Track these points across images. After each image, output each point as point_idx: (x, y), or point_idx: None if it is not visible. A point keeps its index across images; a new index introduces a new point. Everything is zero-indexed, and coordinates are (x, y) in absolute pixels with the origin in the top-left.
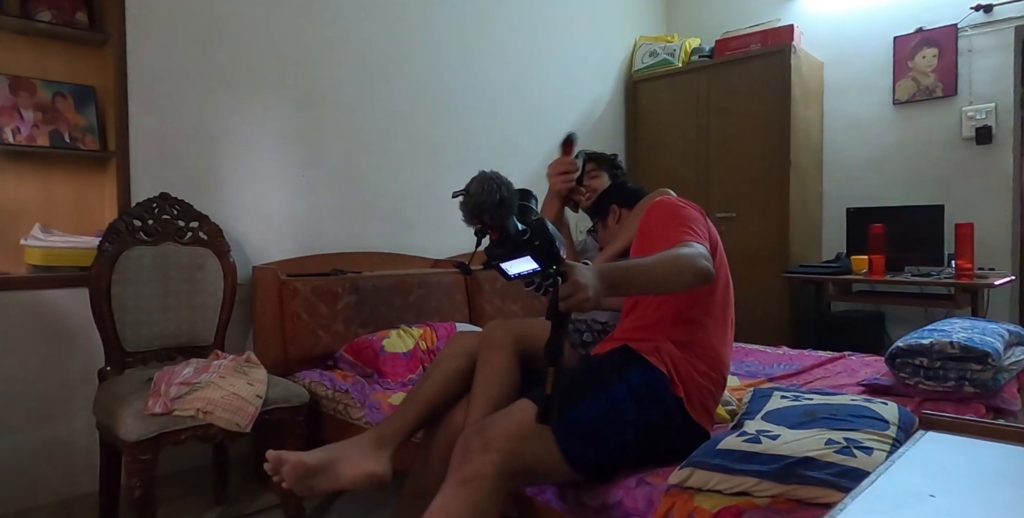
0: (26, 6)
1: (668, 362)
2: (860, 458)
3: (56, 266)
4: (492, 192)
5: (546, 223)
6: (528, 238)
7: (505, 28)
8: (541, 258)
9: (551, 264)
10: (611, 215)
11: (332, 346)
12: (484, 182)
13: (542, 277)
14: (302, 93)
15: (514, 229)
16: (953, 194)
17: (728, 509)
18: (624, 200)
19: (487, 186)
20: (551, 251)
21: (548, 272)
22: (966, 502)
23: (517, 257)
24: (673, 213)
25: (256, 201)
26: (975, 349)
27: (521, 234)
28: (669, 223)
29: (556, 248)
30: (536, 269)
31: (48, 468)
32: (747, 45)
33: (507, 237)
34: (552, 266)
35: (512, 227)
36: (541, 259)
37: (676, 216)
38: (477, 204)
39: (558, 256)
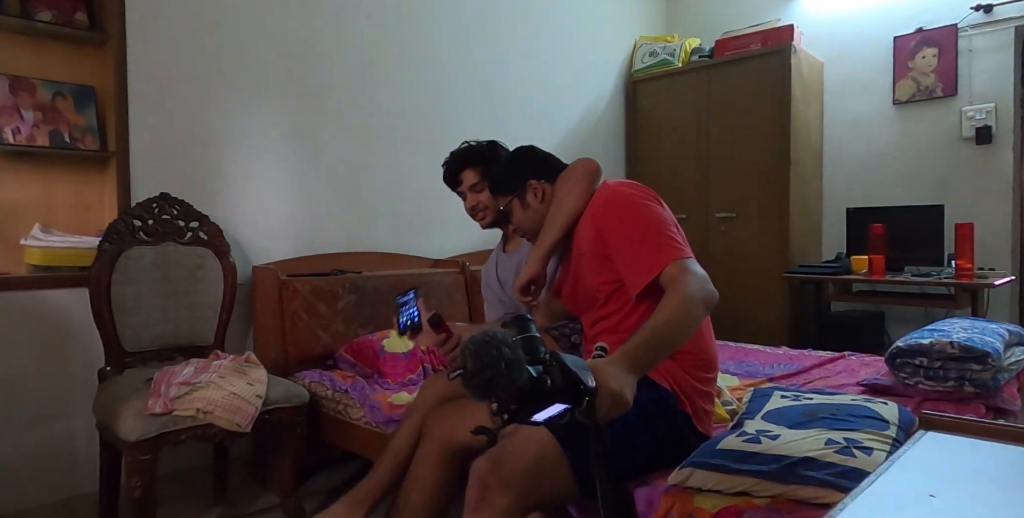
0: (26, 6)
1: (670, 379)
2: (860, 458)
3: (56, 266)
4: (496, 362)
5: (560, 358)
6: (550, 386)
7: (506, 28)
8: (570, 396)
9: (582, 397)
10: (529, 192)
11: (332, 346)
12: (480, 353)
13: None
14: (302, 93)
15: (530, 381)
16: (953, 194)
17: (728, 509)
18: (540, 171)
19: (487, 357)
20: (577, 387)
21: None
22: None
23: (544, 408)
24: (636, 213)
25: (256, 201)
26: (975, 349)
27: (540, 384)
28: (639, 228)
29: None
30: (567, 408)
31: (48, 468)
32: (747, 45)
33: (528, 394)
34: (585, 398)
35: (527, 381)
36: (571, 398)
37: (643, 218)
38: (484, 382)
39: (586, 388)
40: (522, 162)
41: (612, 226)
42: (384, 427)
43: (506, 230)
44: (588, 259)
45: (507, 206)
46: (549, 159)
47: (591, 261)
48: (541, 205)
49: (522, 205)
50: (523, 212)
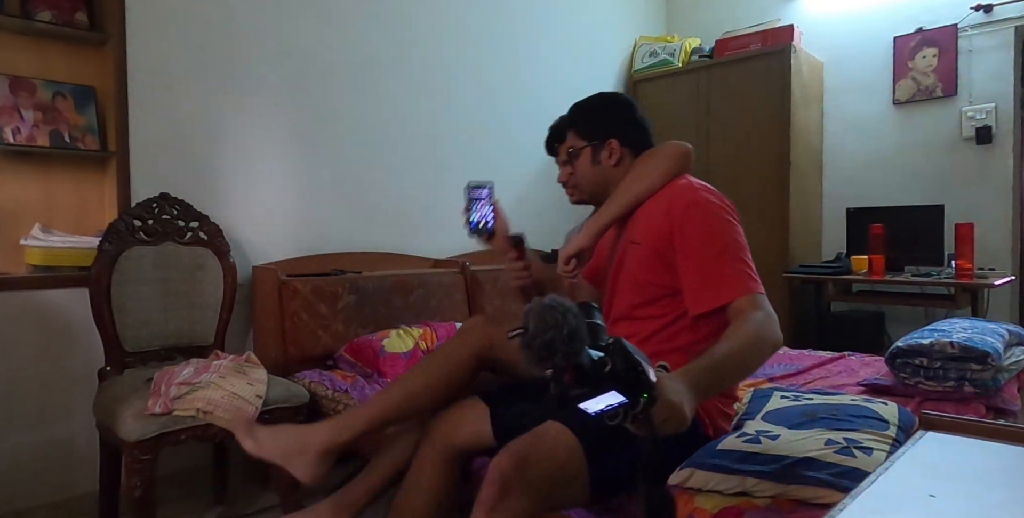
0: (26, 6)
1: None
2: (860, 458)
3: (56, 266)
4: (559, 326)
5: (625, 345)
6: (610, 370)
7: (506, 28)
8: (628, 389)
9: (641, 392)
10: (606, 149)
11: (332, 346)
12: (544, 315)
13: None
14: (303, 92)
15: (589, 361)
16: (953, 194)
17: (728, 509)
18: (626, 134)
19: (551, 319)
20: (638, 378)
21: (638, 401)
22: (966, 502)
23: (599, 394)
24: (718, 229)
25: (256, 201)
26: (975, 349)
27: (600, 366)
28: (717, 247)
29: (643, 371)
30: (623, 402)
31: (48, 468)
32: (747, 45)
33: (584, 374)
34: (643, 394)
35: (587, 359)
36: (629, 390)
37: (725, 236)
38: (544, 344)
39: (647, 381)
40: (614, 115)
41: (689, 234)
42: None
43: None
44: (643, 251)
45: (577, 151)
46: (642, 126)
47: (646, 255)
48: (612, 168)
49: (592, 158)
50: (590, 166)
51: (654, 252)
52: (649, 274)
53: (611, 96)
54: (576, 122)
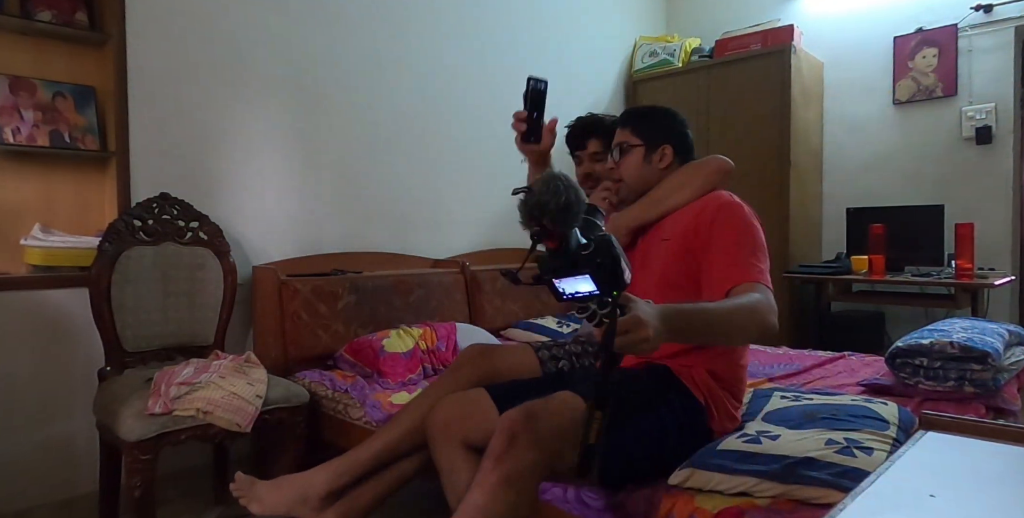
0: (26, 6)
1: (705, 393)
2: (860, 458)
3: (56, 266)
4: (558, 193)
5: (612, 241)
6: (590, 254)
7: (506, 28)
8: (601, 280)
9: (612, 289)
10: (658, 152)
11: (332, 346)
12: (550, 181)
13: (598, 304)
14: (303, 93)
15: (575, 242)
16: (953, 194)
17: (728, 510)
18: (678, 143)
19: (553, 186)
20: (614, 273)
21: (606, 299)
22: (966, 502)
23: (575, 275)
24: (747, 232)
25: (256, 201)
26: (975, 349)
27: (582, 248)
28: (742, 244)
29: (620, 270)
30: (594, 291)
31: (48, 468)
32: (747, 45)
33: (566, 249)
34: (613, 291)
35: (574, 239)
36: (601, 281)
37: (750, 238)
38: (539, 203)
39: (621, 281)
40: (672, 125)
41: (717, 230)
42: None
43: None
44: (672, 247)
45: (628, 147)
46: (691, 140)
47: (676, 251)
48: (658, 171)
49: (644, 158)
50: (640, 164)
51: (684, 249)
52: (677, 267)
53: (670, 109)
54: (634, 121)
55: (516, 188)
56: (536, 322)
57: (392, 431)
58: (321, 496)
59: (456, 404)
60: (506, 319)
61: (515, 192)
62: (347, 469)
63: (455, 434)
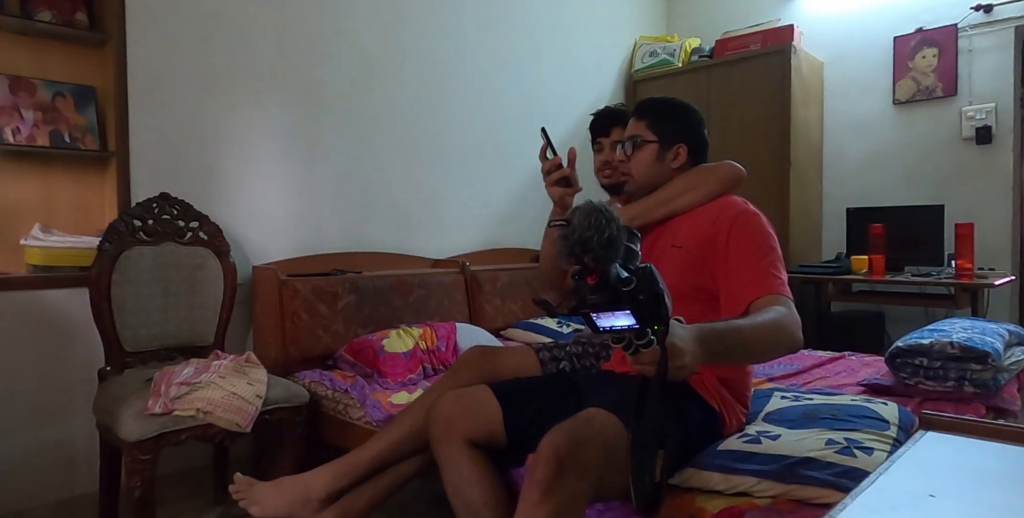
0: (26, 6)
1: (719, 400)
2: (860, 458)
3: (56, 266)
4: (600, 228)
5: (654, 273)
6: (632, 290)
7: (505, 28)
8: (643, 316)
9: (653, 323)
10: (673, 150)
11: (332, 346)
12: (591, 215)
13: (636, 335)
14: (302, 93)
15: (616, 276)
16: (953, 194)
17: (729, 510)
18: (694, 143)
19: (595, 220)
20: (657, 309)
21: (646, 331)
22: (966, 502)
23: (615, 310)
24: (763, 240)
25: (256, 201)
26: (975, 349)
27: (624, 283)
28: (762, 255)
29: (664, 304)
30: (633, 325)
31: (48, 468)
32: (747, 45)
33: (607, 283)
34: (654, 326)
35: (615, 273)
36: (643, 317)
37: (768, 246)
38: (581, 240)
39: (664, 315)
40: (691, 123)
41: (735, 240)
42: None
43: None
44: (685, 255)
45: (642, 142)
46: (705, 140)
47: (689, 259)
48: (669, 170)
49: (657, 155)
50: (652, 161)
51: (698, 257)
52: (690, 277)
53: (690, 105)
54: (651, 115)
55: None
56: (536, 322)
57: (393, 432)
58: (322, 498)
59: (459, 400)
60: (506, 319)
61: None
62: (348, 470)
63: (458, 430)
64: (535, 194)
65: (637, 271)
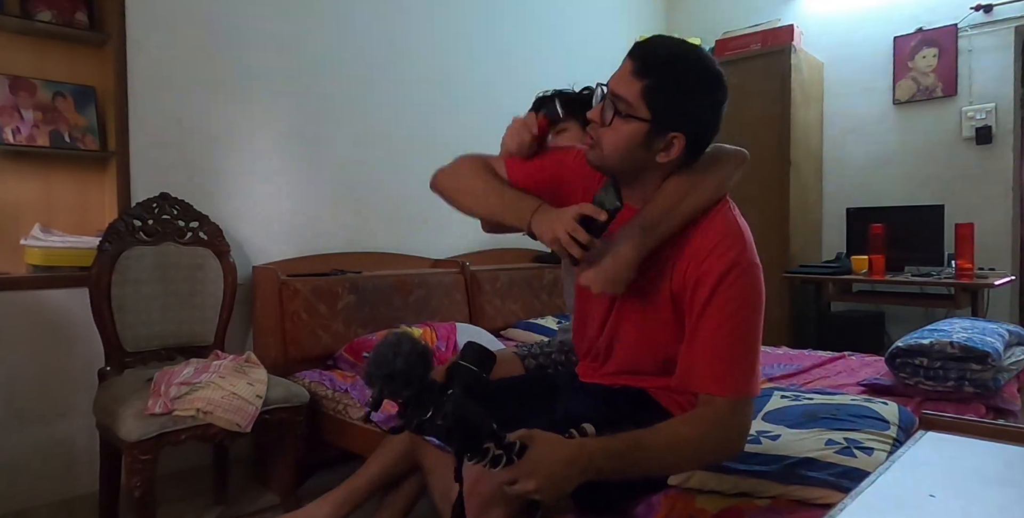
0: (26, 6)
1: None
2: (861, 458)
3: (56, 266)
4: (385, 363)
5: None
6: (429, 418)
7: (505, 28)
8: (455, 444)
9: (477, 454)
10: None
11: (332, 346)
12: (380, 348)
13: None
14: (303, 92)
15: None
16: (953, 194)
17: (729, 510)
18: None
19: (381, 354)
20: (468, 437)
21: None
22: (966, 502)
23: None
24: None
25: (256, 201)
26: (975, 349)
27: (420, 413)
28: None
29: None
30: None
31: (48, 468)
32: (747, 45)
33: (410, 414)
34: (476, 456)
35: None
36: (456, 445)
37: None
38: (365, 372)
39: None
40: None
41: (716, 304)
42: (384, 427)
43: None
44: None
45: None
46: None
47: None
48: (659, 160)
49: (645, 139)
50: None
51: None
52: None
53: (715, 74)
54: (655, 77)
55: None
56: (536, 322)
57: (385, 454)
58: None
59: None
60: (506, 319)
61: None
62: (347, 498)
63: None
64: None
65: (435, 402)
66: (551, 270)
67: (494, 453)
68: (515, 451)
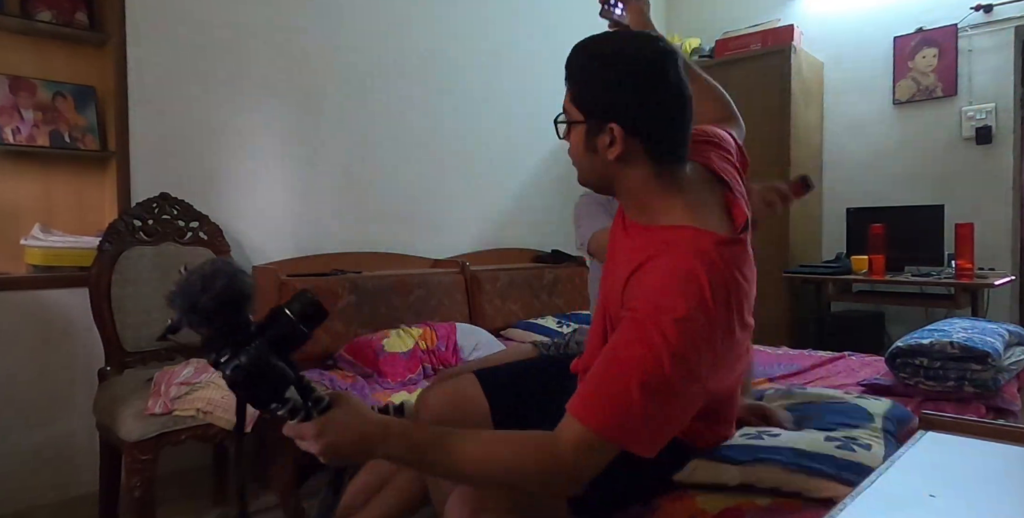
0: (26, 6)
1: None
2: (860, 453)
3: (56, 266)
4: (191, 294)
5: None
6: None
7: (505, 28)
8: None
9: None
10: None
11: (332, 346)
12: (192, 276)
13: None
14: (302, 93)
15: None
16: (953, 194)
17: (729, 510)
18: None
19: (190, 283)
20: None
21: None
22: (966, 502)
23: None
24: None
25: (256, 201)
26: (975, 349)
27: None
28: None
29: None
30: None
31: (48, 468)
32: (747, 45)
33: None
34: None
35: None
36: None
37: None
38: (169, 293)
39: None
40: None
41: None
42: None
43: None
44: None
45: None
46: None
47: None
48: (609, 157)
49: (589, 142)
50: (585, 150)
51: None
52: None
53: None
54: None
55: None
56: (536, 322)
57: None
58: None
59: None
60: (506, 319)
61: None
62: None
63: None
64: (535, 194)
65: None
66: (551, 270)
67: (295, 403)
68: (319, 407)
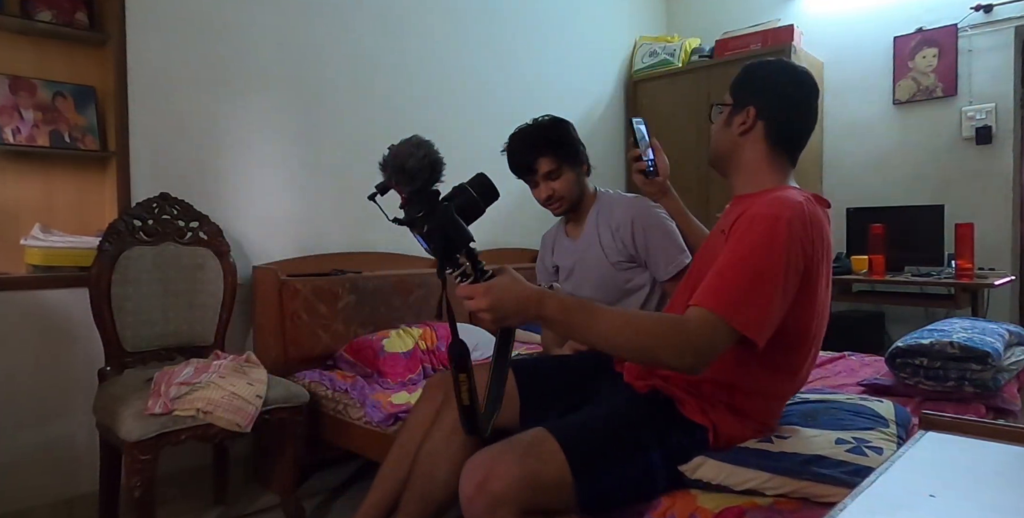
0: (26, 6)
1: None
2: (872, 457)
3: (56, 266)
4: (402, 156)
5: (451, 217)
6: (421, 217)
7: (505, 28)
8: (432, 246)
9: (446, 255)
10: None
11: (332, 346)
12: (404, 145)
13: (471, 261)
14: (303, 92)
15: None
16: (953, 194)
17: (730, 509)
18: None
19: (403, 150)
20: (444, 245)
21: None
22: (966, 502)
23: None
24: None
25: (256, 201)
26: (975, 349)
27: (416, 211)
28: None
29: (452, 248)
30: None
31: (48, 468)
32: (747, 45)
33: (409, 209)
34: (452, 267)
35: (418, 200)
36: (432, 247)
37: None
38: (384, 160)
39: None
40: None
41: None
42: (384, 427)
43: (572, 216)
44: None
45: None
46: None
47: None
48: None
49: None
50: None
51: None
52: None
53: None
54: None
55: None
56: None
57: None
58: None
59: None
60: None
61: None
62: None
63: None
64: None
65: (430, 205)
66: None
67: (467, 269)
68: (485, 276)
